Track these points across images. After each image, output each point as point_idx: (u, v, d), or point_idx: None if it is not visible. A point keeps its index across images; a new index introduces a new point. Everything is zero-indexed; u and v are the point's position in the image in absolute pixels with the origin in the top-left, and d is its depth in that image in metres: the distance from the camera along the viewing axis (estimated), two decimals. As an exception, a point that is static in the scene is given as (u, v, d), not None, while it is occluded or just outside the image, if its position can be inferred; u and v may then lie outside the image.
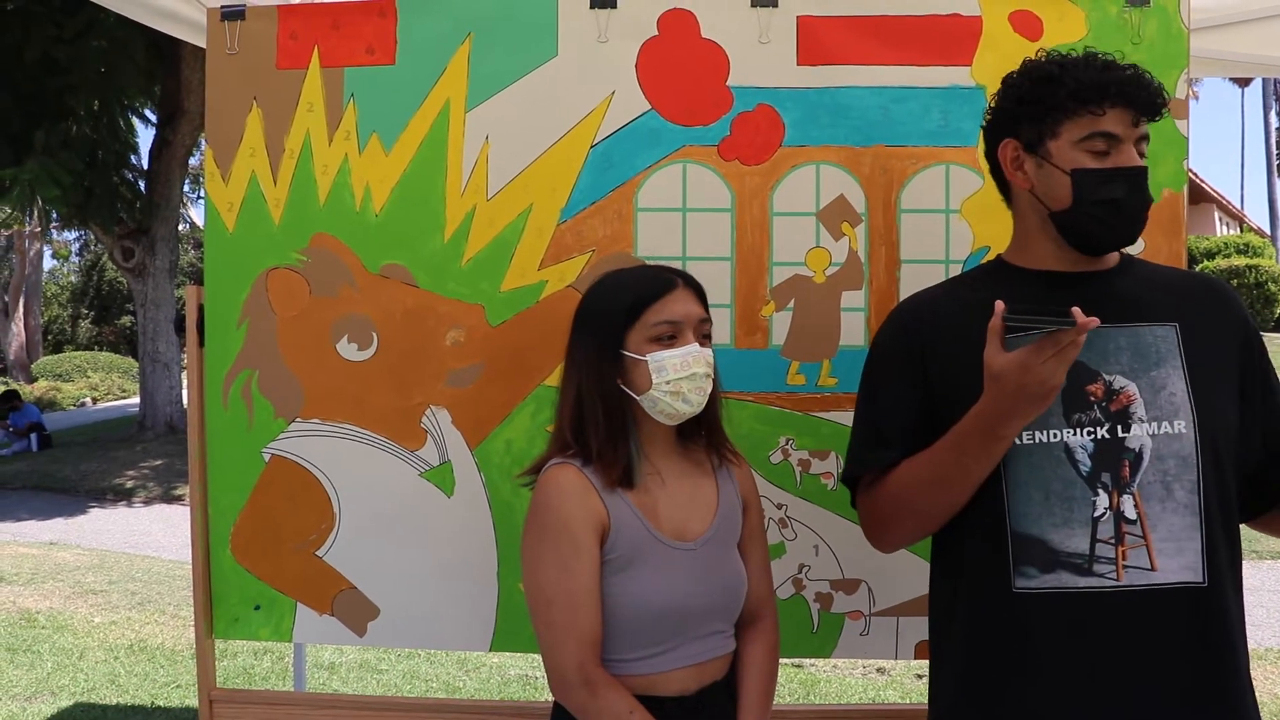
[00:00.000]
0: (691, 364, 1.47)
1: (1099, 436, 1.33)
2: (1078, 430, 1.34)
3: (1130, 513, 1.32)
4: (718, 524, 1.54)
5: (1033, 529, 1.35)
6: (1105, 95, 1.33)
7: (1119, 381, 1.35)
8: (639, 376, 1.48)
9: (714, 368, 1.52)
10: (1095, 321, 1.18)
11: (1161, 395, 1.33)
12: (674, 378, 1.46)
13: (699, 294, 1.54)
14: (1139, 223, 1.37)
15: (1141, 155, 1.36)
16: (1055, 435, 1.35)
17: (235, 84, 2.05)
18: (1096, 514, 1.33)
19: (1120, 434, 1.33)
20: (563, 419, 1.54)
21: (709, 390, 1.51)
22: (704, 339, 1.52)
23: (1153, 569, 1.31)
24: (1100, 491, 1.33)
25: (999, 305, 1.23)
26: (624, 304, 1.49)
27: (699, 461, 1.59)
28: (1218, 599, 1.31)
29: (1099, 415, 1.34)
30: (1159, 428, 1.33)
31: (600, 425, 1.48)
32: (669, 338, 1.48)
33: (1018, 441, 1.35)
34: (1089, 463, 1.33)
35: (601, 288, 1.56)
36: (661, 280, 1.51)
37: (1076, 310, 1.17)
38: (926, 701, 1.52)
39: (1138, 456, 1.33)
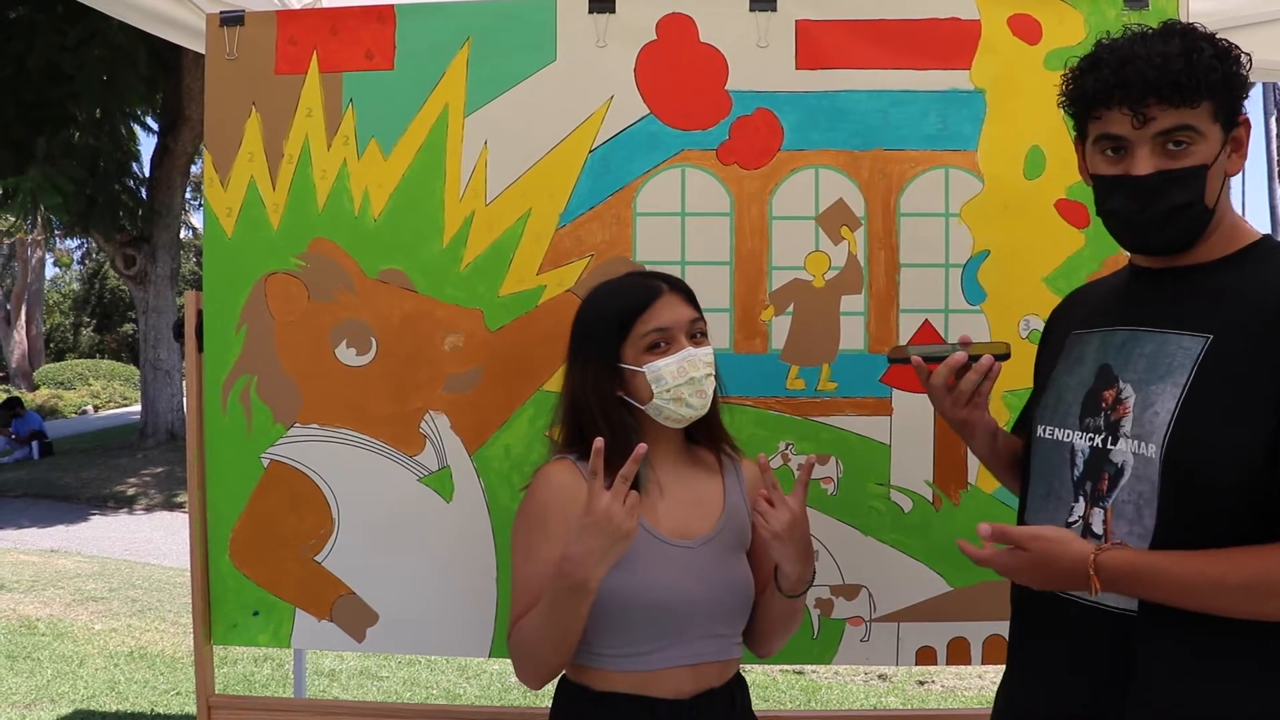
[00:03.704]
0: (689, 369, 1.47)
1: (1095, 444, 1.29)
2: (1084, 434, 1.31)
3: (1097, 528, 1.26)
4: (722, 524, 1.53)
5: (1031, 521, 1.37)
6: (1095, 98, 1.25)
7: (1126, 391, 1.27)
8: (640, 388, 1.49)
9: (714, 365, 1.52)
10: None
11: (1147, 413, 1.23)
12: (673, 385, 1.47)
13: (687, 295, 1.54)
14: (1154, 232, 1.25)
15: (1177, 152, 1.22)
16: (1068, 435, 1.33)
17: (234, 89, 2.05)
18: (1070, 520, 1.30)
19: (1108, 446, 1.27)
20: (569, 432, 1.55)
21: (711, 391, 1.52)
22: (699, 338, 1.52)
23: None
24: (1080, 499, 1.29)
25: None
26: (613, 318, 1.50)
27: (706, 463, 1.59)
28: (1152, 632, 1.21)
29: (1101, 423, 1.29)
30: (1138, 446, 1.23)
31: (606, 440, 1.47)
32: (662, 345, 1.48)
33: (1042, 435, 1.38)
34: (1081, 468, 1.31)
35: (591, 303, 1.57)
36: (646, 289, 1.51)
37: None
38: (927, 708, 1.54)
39: (1119, 472, 1.25)
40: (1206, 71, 1.20)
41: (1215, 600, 1.15)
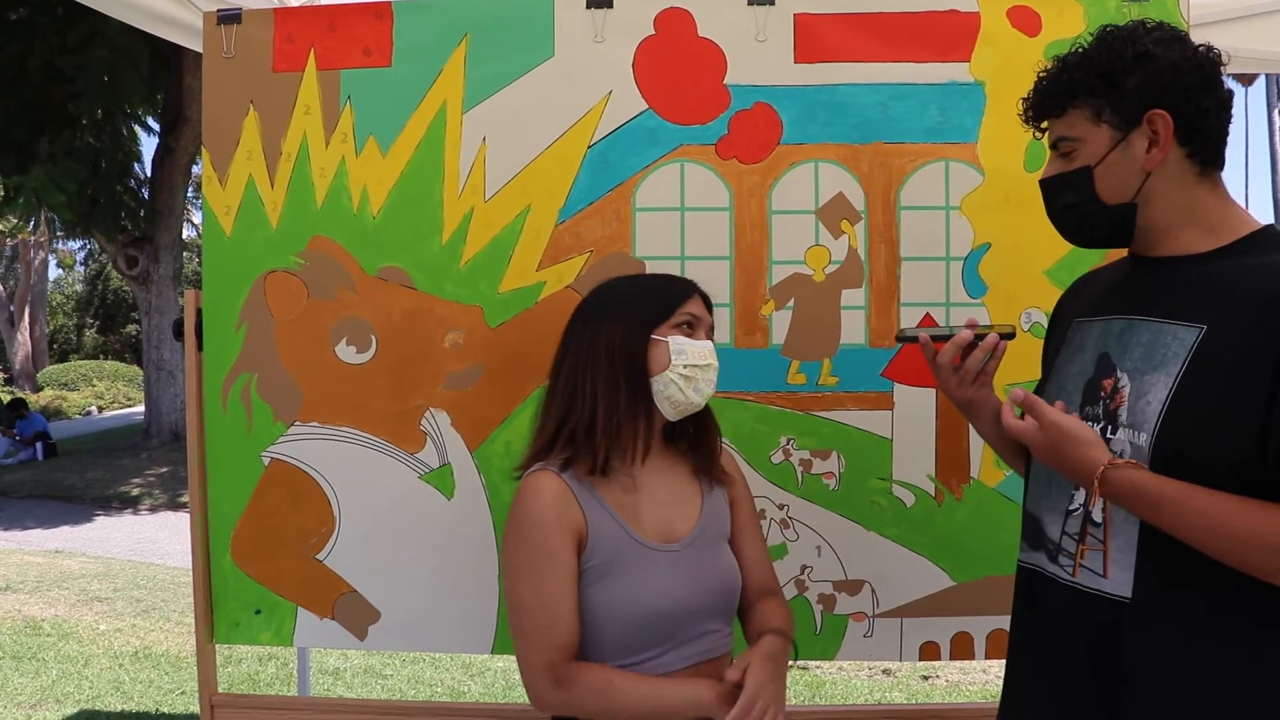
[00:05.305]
0: (708, 355, 1.52)
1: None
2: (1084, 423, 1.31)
3: (1097, 515, 1.29)
4: (703, 522, 1.53)
5: (1034, 508, 1.42)
6: (1027, 118, 1.40)
7: (1123, 380, 1.29)
8: (658, 356, 1.49)
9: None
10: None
11: (1140, 402, 1.25)
12: (691, 363, 1.49)
13: (707, 302, 1.59)
14: (1066, 228, 1.38)
15: (1068, 156, 1.33)
16: None
17: (232, 87, 2.05)
18: (1071, 507, 1.33)
19: (1108, 435, 1.28)
20: (566, 414, 1.50)
21: (710, 392, 1.53)
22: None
23: (1104, 575, 1.26)
24: (1079, 486, 1.31)
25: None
26: (659, 296, 1.53)
27: (681, 461, 1.59)
28: (1141, 619, 1.23)
29: (1100, 412, 1.31)
30: (1134, 435, 1.25)
31: (620, 407, 1.47)
32: (690, 327, 1.53)
33: None
34: None
35: (627, 281, 1.61)
36: (686, 282, 1.58)
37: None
38: (932, 703, 1.54)
39: None
40: (1067, 82, 1.30)
41: (1213, 539, 1.16)
